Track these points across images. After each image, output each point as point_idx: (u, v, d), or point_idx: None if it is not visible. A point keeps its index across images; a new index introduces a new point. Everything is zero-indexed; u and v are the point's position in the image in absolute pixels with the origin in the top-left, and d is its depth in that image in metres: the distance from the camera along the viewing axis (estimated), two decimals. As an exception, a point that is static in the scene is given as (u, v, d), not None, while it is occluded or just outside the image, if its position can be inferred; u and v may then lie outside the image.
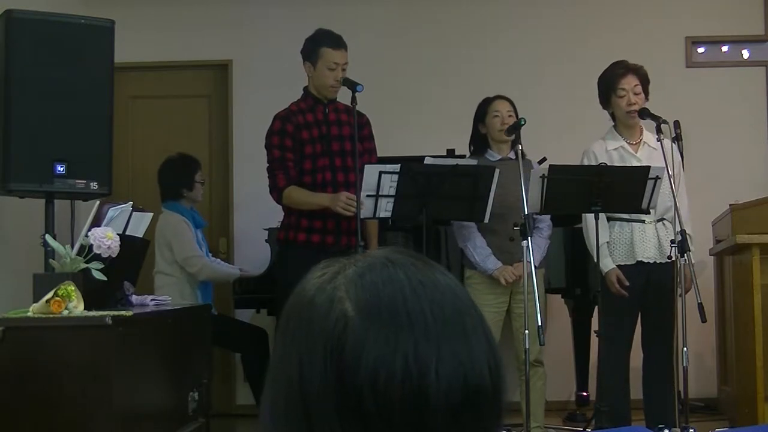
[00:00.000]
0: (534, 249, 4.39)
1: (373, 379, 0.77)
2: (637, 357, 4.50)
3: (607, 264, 4.36)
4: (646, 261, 4.39)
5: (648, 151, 4.47)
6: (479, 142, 4.65)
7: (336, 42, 4.44)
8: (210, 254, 5.44)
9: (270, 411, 0.85)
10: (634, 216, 4.35)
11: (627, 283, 4.33)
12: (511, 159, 4.47)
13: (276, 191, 4.42)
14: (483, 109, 4.63)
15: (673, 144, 4.25)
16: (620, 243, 4.41)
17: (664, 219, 4.43)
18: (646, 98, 4.48)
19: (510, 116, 4.53)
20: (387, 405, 0.77)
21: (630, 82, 4.44)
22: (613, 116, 4.55)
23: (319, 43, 4.44)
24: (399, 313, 0.80)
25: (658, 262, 4.39)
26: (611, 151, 4.48)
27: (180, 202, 5.29)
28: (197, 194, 5.39)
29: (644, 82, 4.47)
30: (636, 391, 4.50)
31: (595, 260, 4.32)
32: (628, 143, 4.50)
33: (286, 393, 0.82)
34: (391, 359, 0.78)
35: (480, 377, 0.80)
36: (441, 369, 0.78)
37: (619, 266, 4.38)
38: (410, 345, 0.78)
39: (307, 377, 0.80)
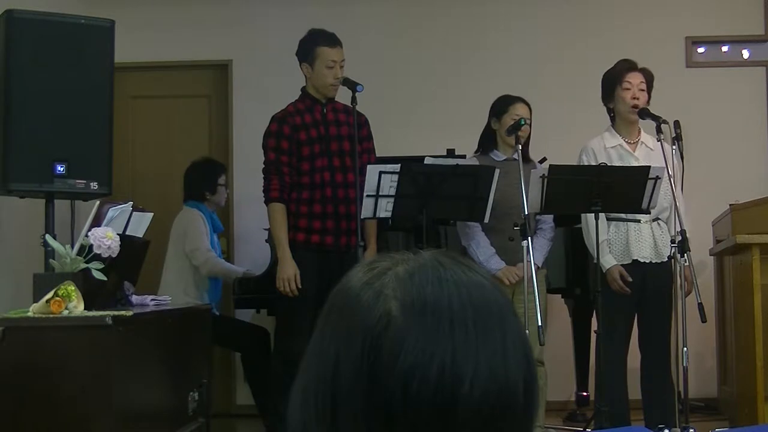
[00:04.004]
0: (537, 249, 4.38)
1: (407, 383, 0.77)
2: (636, 357, 4.50)
3: (609, 261, 4.36)
4: (642, 261, 4.39)
5: (645, 151, 4.47)
6: (489, 138, 4.61)
7: (331, 40, 4.44)
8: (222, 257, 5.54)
9: (300, 399, 0.84)
10: (629, 216, 4.36)
11: (630, 279, 4.33)
12: (515, 160, 4.46)
13: (266, 198, 4.45)
14: (502, 107, 4.55)
15: (673, 146, 4.25)
16: (616, 243, 4.42)
17: (659, 219, 4.43)
18: (648, 101, 4.48)
19: (528, 123, 4.50)
20: (416, 410, 0.77)
21: (636, 78, 4.44)
22: (612, 113, 4.55)
23: (315, 43, 4.44)
24: (443, 319, 0.79)
25: (654, 261, 4.39)
26: (609, 148, 4.48)
27: (202, 204, 5.39)
28: (220, 198, 5.51)
29: (649, 82, 4.48)
30: (636, 392, 4.49)
31: (595, 259, 4.33)
32: (626, 142, 4.50)
33: (317, 383, 0.82)
34: (428, 366, 0.77)
35: (513, 393, 0.79)
36: (475, 383, 0.77)
37: None
38: (448, 353, 0.77)
39: (341, 370, 0.80)
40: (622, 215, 4.38)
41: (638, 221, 4.39)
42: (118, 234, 3.45)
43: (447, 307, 0.79)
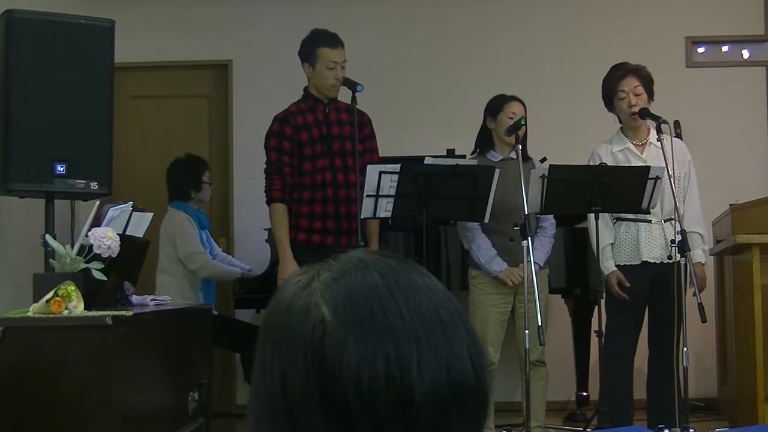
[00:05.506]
0: (538, 249, 4.38)
1: (357, 382, 0.77)
2: (639, 358, 4.50)
3: (608, 267, 4.36)
4: (651, 261, 4.38)
5: (655, 151, 4.45)
6: (485, 138, 4.60)
7: (332, 40, 4.44)
8: (219, 248, 5.57)
9: (256, 421, 0.84)
10: (640, 216, 4.34)
11: (628, 285, 4.32)
12: (513, 159, 4.46)
13: (268, 198, 4.45)
14: (497, 106, 4.54)
15: (682, 141, 4.23)
16: (626, 243, 4.41)
17: (672, 219, 4.41)
18: (651, 98, 4.47)
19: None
20: (372, 406, 0.77)
21: (630, 84, 4.43)
22: (620, 119, 4.55)
23: (316, 44, 4.44)
24: (376, 315, 0.79)
25: (664, 262, 4.37)
26: (616, 153, 4.47)
27: (187, 203, 5.35)
28: (205, 195, 5.46)
29: (646, 82, 4.46)
30: (638, 391, 4.49)
31: (599, 262, 4.32)
32: (634, 144, 4.49)
33: (270, 402, 0.82)
34: (373, 361, 0.77)
35: (463, 371, 0.80)
36: (423, 365, 0.78)
37: (624, 266, 4.37)
38: (390, 345, 0.78)
39: (290, 385, 0.80)
40: (632, 215, 4.37)
41: (649, 222, 4.38)
42: (118, 234, 3.45)
43: (377, 299, 0.80)
